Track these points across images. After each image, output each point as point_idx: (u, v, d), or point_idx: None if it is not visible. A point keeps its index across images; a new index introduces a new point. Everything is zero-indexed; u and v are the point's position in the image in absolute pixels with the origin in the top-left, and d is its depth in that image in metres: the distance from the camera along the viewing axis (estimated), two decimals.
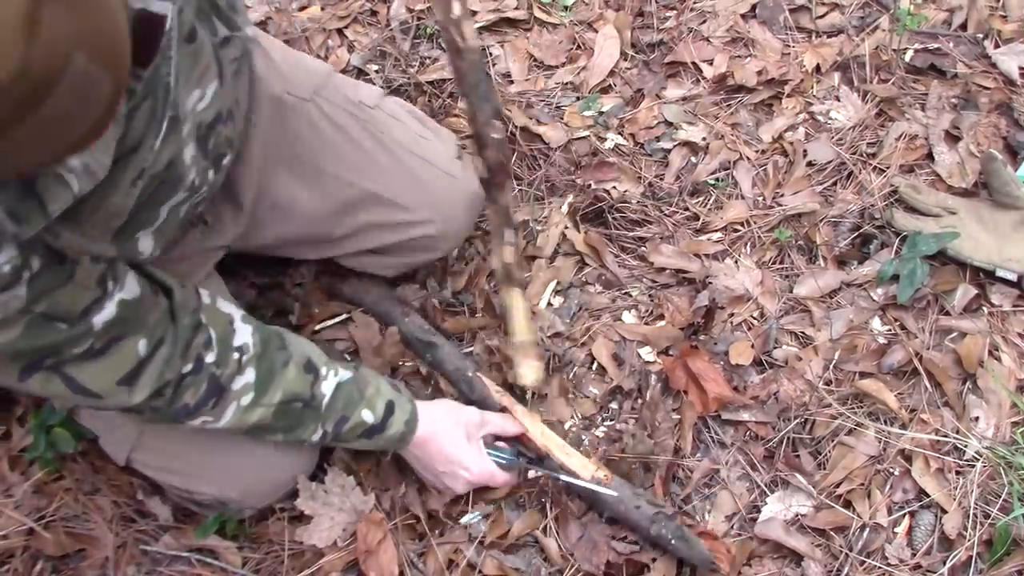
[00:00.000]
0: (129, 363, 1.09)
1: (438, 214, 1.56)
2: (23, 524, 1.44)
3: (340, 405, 1.32)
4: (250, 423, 1.25)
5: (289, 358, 1.28)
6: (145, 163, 1.04)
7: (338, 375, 1.33)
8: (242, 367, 1.22)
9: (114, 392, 1.09)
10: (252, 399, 1.23)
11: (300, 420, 1.30)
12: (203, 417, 1.21)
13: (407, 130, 1.57)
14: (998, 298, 1.64)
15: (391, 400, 1.37)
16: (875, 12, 2.07)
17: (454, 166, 1.59)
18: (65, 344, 1.02)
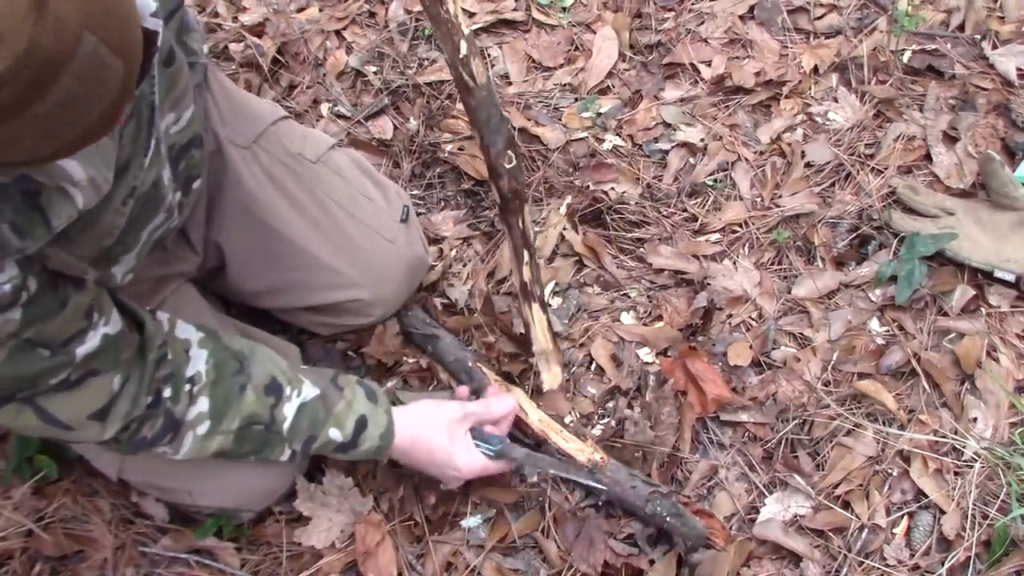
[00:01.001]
0: (102, 398, 1.09)
1: (371, 279, 1.53)
2: (22, 525, 1.44)
3: (305, 425, 1.29)
4: (211, 451, 1.23)
5: (247, 382, 1.24)
6: (136, 181, 1.04)
7: (302, 395, 1.29)
8: (194, 398, 1.19)
9: (84, 425, 1.08)
10: (208, 428, 1.21)
11: (264, 443, 1.27)
12: (161, 448, 1.20)
13: (349, 188, 1.54)
14: (996, 299, 1.64)
15: (363, 415, 1.33)
16: (873, 13, 2.07)
17: (395, 231, 1.56)
18: (44, 374, 1.01)
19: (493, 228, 1.83)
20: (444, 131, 1.96)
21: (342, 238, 1.50)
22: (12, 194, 0.86)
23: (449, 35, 1.11)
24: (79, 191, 0.91)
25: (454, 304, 1.73)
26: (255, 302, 1.57)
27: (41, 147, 0.73)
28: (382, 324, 1.65)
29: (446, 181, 1.92)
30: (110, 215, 1.03)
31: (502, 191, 1.33)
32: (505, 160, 1.29)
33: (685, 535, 1.40)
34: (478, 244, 1.82)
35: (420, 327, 1.64)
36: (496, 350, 1.64)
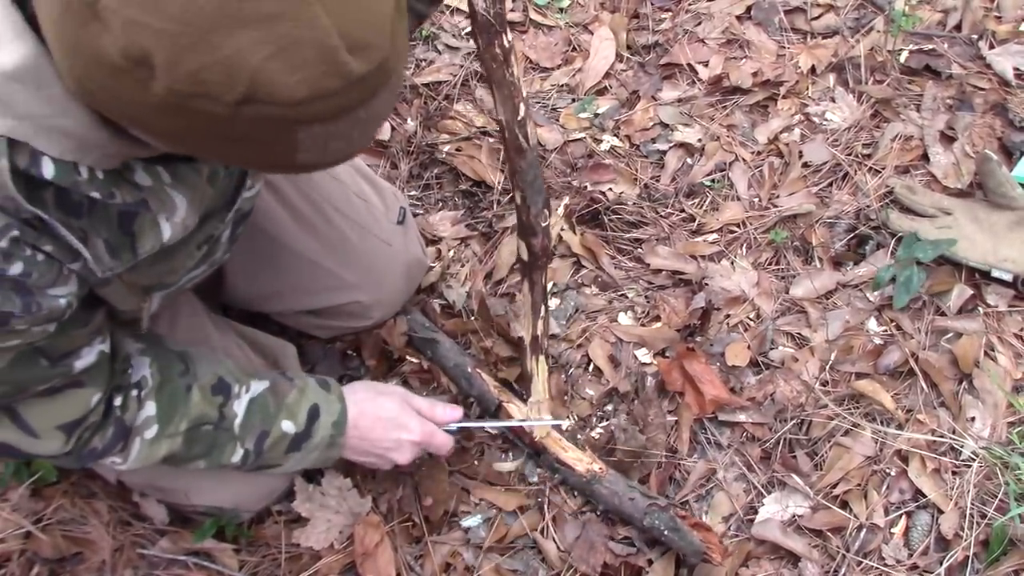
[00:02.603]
0: (77, 410, 1.07)
1: (369, 282, 1.53)
2: (20, 527, 1.43)
3: (256, 420, 1.25)
4: (159, 456, 1.19)
5: (193, 382, 1.21)
6: (214, 231, 1.10)
7: (251, 390, 1.26)
8: (142, 402, 1.17)
9: (50, 435, 1.06)
10: (156, 432, 1.17)
11: (214, 443, 1.23)
12: (111, 458, 1.17)
13: (345, 191, 1.53)
14: (994, 298, 1.64)
15: (315, 404, 1.30)
16: (870, 13, 2.07)
17: (392, 233, 1.55)
18: (38, 381, 1.01)
19: (491, 229, 1.83)
20: (442, 132, 1.96)
21: (339, 241, 1.50)
22: (112, 215, 0.90)
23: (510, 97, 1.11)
24: (170, 226, 0.96)
25: (452, 306, 1.73)
26: (253, 306, 1.57)
27: (338, 151, 0.77)
28: (392, 319, 1.65)
29: (444, 182, 1.92)
30: (182, 256, 1.07)
31: (533, 249, 1.31)
32: (541, 219, 1.28)
33: (682, 549, 1.40)
34: (476, 245, 1.82)
35: (420, 331, 1.64)
36: (494, 355, 1.64)
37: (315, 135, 0.73)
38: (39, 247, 0.86)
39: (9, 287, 0.85)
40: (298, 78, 0.68)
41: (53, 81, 0.76)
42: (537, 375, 1.47)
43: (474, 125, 1.95)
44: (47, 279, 0.88)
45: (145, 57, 0.65)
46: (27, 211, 0.82)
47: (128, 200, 0.90)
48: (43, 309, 0.89)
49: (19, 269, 0.85)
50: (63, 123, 0.79)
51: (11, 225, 0.82)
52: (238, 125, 0.69)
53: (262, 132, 0.71)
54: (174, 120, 0.70)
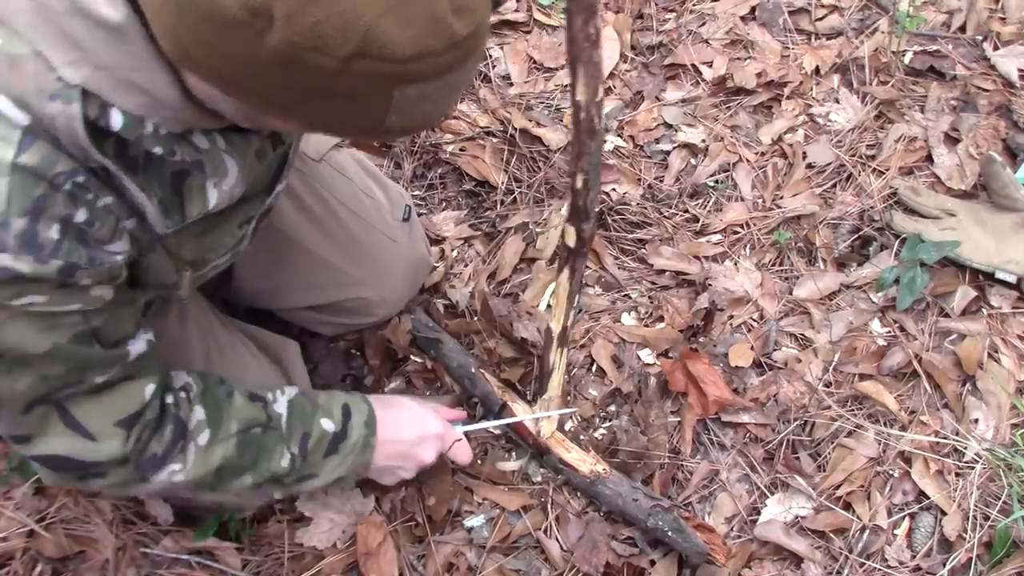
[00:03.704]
0: (134, 403, 1.05)
1: (374, 278, 1.53)
2: (24, 525, 1.44)
3: (297, 422, 1.24)
4: (215, 464, 1.15)
5: (232, 389, 1.20)
6: (254, 212, 1.12)
7: (286, 394, 1.26)
8: (192, 404, 1.15)
9: (107, 435, 1.04)
10: (209, 436, 1.15)
11: (263, 446, 1.20)
12: (171, 466, 1.11)
13: (352, 187, 1.54)
14: (997, 300, 1.64)
15: (346, 403, 1.30)
16: (874, 14, 2.07)
17: (397, 230, 1.56)
18: (97, 365, 0.99)
19: (494, 229, 1.83)
20: (445, 132, 1.96)
21: (345, 236, 1.50)
22: (165, 174, 0.92)
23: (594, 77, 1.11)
24: (216, 193, 0.98)
25: (455, 307, 1.73)
26: (258, 302, 1.57)
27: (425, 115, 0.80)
28: (396, 317, 1.65)
29: (447, 182, 1.92)
30: (222, 233, 1.08)
31: (583, 234, 1.31)
32: (594, 205, 1.28)
33: (686, 550, 1.40)
34: (479, 244, 1.82)
35: (423, 330, 1.64)
36: (496, 355, 1.64)
37: (409, 96, 0.75)
38: (101, 197, 0.87)
39: (75, 236, 0.86)
40: (408, 35, 0.70)
41: (139, 40, 0.79)
42: (557, 369, 1.46)
43: (478, 125, 1.95)
44: (105, 232, 0.89)
45: (266, 9, 0.67)
46: (95, 160, 0.84)
47: (187, 159, 0.92)
48: (104, 264, 0.90)
49: (84, 216, 0.86)
50: (140, 78, 0.81)
51: (77, 170, 0.84)
52: (343, 81, 0.72)
53: (364, 89, 0.73)
54: (280, 75, 0.72)
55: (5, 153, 0.80)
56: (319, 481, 1.27)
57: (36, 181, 0.82)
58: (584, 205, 1.26)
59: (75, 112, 0.80)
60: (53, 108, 0.80)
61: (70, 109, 0.80)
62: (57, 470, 1.05)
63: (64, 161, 0.82)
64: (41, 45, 0.79)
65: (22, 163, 0.80)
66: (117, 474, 1.07)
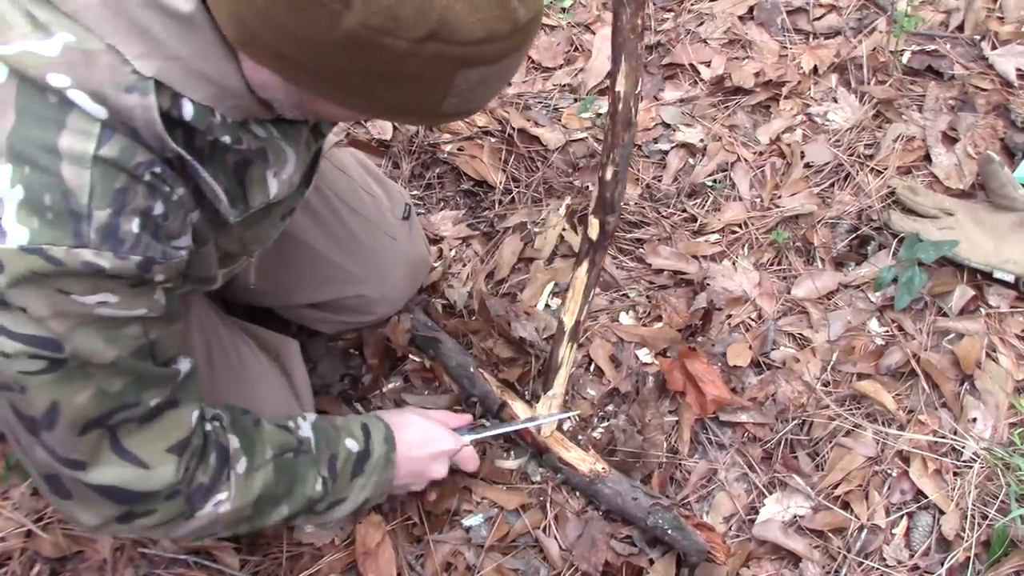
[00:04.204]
0: (183, 430, 1.04)
1: (374, 276, 1.53)
2: (21, 526, 1.44)
3: (323, 444, 1.25)
4: (256, 491, 1.14)
5: (259, 418, 1.21)
6: (293, 204, 1.13)
7: (307, 419, 1.27)
8: (226, 432, 1.14)
9: (162, 460, 1.02)
10: (247, 465, 1.14)
11: (297, 471, 1.20)
12: (218, 495, 1.10)
13: (352, 184, 1.54)
14: (996, 299, 1.64)
15: (364, 422, 1.32)
16: (872, 14, 2.07)
17: (397, 228, 1.56)
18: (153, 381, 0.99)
19: (492, 228, 1.83)
20: (443, 131, 1.96)
21: (346, 234, 1.50)
22: (228, 164, 0.94)
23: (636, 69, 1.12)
24: (276, 183, 0.99)
25: (453, 306, 1.73)
26: (258, 300, 1.57)
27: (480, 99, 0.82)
28: (396, 316, 1.65)
29: (445, 181, 1.92)
30: (268, 225, 1.09)
31: (607, 227, 1.30)
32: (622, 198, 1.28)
33: (686, 548, 1.40)
34: (477, 244, 1.82)
35: (422, 330, 1.64)
36: (494, 355, 1.64)
37: (470, 79, 0.78)
38: (175, 188, 0.88)
39: (151, 231, 0.87)
40: (477, 19, 0.73)
41: (207, 28, 0.81)
42: (565, 365, 1.46)
43: (476, 125, 1.95)
44: (176, 226, 0.90)
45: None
46: (171, 150, 0.85)
47: (251, 147, 0.94)
48: (173, 259, 0.91)
49: (160, 209, 0.87)
50: (209, 68, 0.83)
51: (155, 161, 0.85)
52: (411, 64, 0.74)
53: (430, 72, 0.76)
54: (350, 58, 0.74)
55: (86, 147, 0.81)
56: (349, 505, 1.28)
57: (117, 173, 0.83)
58: (611, 197, 1.26)
59: (152, 103, 0.81)
60: (130, 100, 0.81)
61: (147, 101, 0.81)
62: (113, 499, 1.02)
63: (142, 152, 0.84)
64: (113, 38, 0.80)
65: (103, 155, 0.81)
66: (166, 509, 1.06)
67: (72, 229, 0.81)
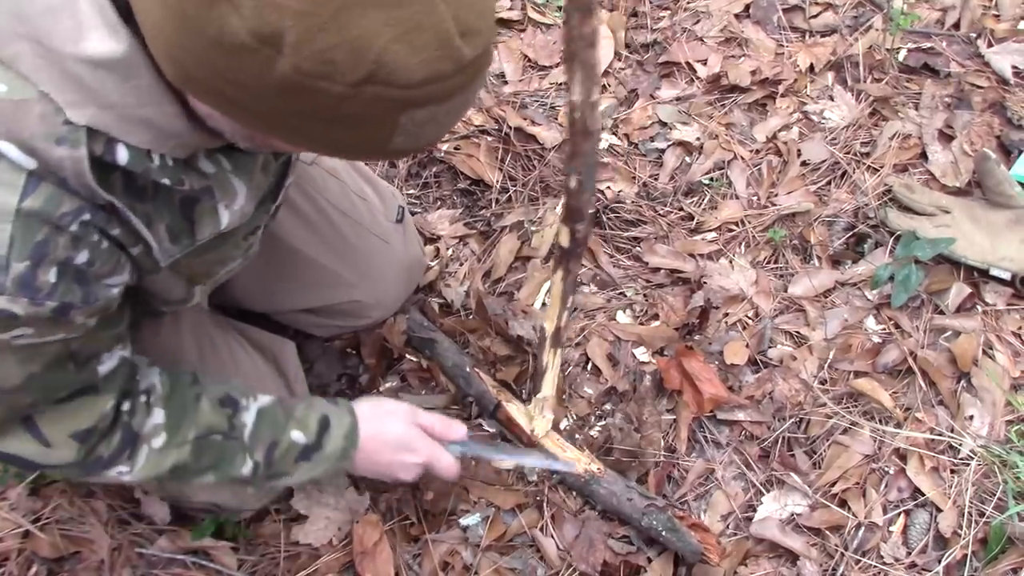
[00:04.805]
0: (92, 418, 1.06)
1: (368, 280, 1.52)
2: (19, 526, 1.43)
3: (266, 431, 1.22)
4: (167, 466, 1.15)
5: (201, 392, 1.19)
6: (259, 222, 1.12)
7: (259, 401, 1.24)
8: (150, 408, 1.13)
9: (61, 444, 1.05)
10: (165, 440, 1.14)
11: (223, 454, 1.19)
12: (118, 468, 1.12)
13: (344, 189, 1.53)
14: (992, 297, 1.64)
15: (325, 415, 1.27)
16: (868, 12, 2.07)
17: (391, 231, 1.55)
18: (64, 387, 1.00)
19: (489, 227, 1.83)
20: None
21: (337, 239, 1.50)
22: (175, 201, 0.92)
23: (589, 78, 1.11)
24: (228, 214, 0.98)
25: (450, 305, 1.73)
26: (252, 305, 1.56)
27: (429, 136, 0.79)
28: (392, 316, 1.64)
29: (442, 180, 1.92)
30: (230, 246, 1.08)
31: (577, 235, 1.31)
32: (590, 206, 1.27)
33: (680, 550, 1.40)
34: (474, 243, 1.82)
35: (418, 330, 1.64)
36: (491, 354, 1.64)
37: (416, 119, 0.75)
38: (107, 232, 0.87)
39: (72, 277, 0.86)
40: (417, 61, 0.70)
41: (143, 72, 0.79)
42: (551, 369, 1.46)
43: (472, 124, 1.95)
44: (107, 268, 0.89)
45: (275, 36, 0.67)
46: (101, 198, 0.84)
47: (195, 187, 0.92)
48: (99, 299, 0.90)
49: (84, 257, 0.86)
50: (146, 113, 0.81)
51: (83, 208, 0.84)
52: (350, 106, 0.71)
53: (371, 114, 0.73)
54: (286, 100, 0.72)
55: (9, 199, 0.80)
56: (292, 480, 1.27)
57: (40, 225, 0.82)
58: (578, 206, 1.26)
59: (82, 155, 0.80)
60: (60, 152, 0.80)
61: (76, 153, 0.80)
62: (9, 463, 1.09)
63: (69, 201, 0.83)
64: (47, 86, 0.78)
65: (26, 208, 0.81)
66: (64, 470, 1.09)
67: None
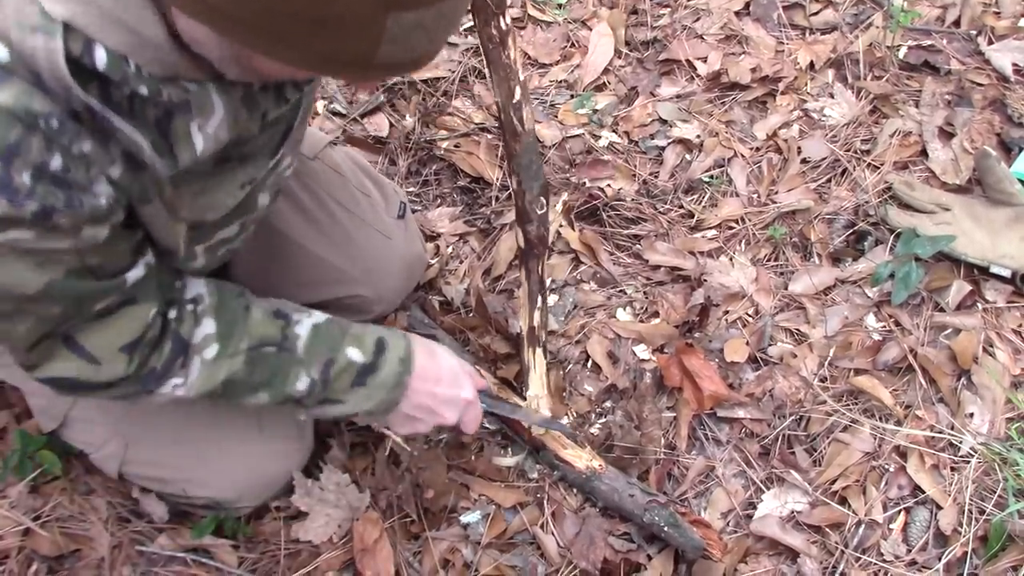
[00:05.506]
0: (136, 328, 1.05)
1: (370, 276, 1.52)
2: (19, 524, 1.43)
3: (321, 345, 1.20)
4: (220, 379, 1.13)
5: (250, 303, 1.17)
6: (256, 174, 1.09)
7: (312, 316, 1.22)
8: (199, 318, 1.12)
9: (110, 358, 1.04)
10: (217, 350, 1.12)
11: (278, 368, 1.17)
12: (173, 380, 1.11)
13: (346, 185, 1.53)
14: (992, 294, 1.64)
15: (381, 337, 1.25)
16: (869, 9, 2.07)
17: (393, 227, 1.55)
18: (93, 297, 0.98)
19: (489, 225, 1.83)
20: (440, 128, 1.95)
21: (340, 234, 1.50)
22: (150, 119, 0.89)
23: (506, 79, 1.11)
24: (202, 137, 0.94)
25: (450, 303, 1.73)
26: None
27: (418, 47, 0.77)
28: (392, 313, 1.64)
29: (442, 178, 1.92)
30: (224, 193, 1.06)
31: (529, 236, 1.31)
32: (537, 206, 1.27)
33: (682, 545, 1.40)
34: (474, 241, 1.82)
35: (420, 326, 1.64)
36: (492, 352, 1.64)
37: (403, 24, 0.73)
38: (76, 142, 0.83)
39: (49, 181, 0.82)
40: None
41: None
42: (534, 368, 1.46)
43: (472, 121, 1.95)
44: (79, 178, 0.85)
45: None
46: (77, 99, 0.80)
47: (173, 99, 0.88)
48: (84, 206, 0.86)
49: (58, 163, 0.82)
50: (127, 16, 0.79)
51: (53, 113, 0.80)
52: (335, 5, 0.70)
53: (358, 12, 0.71)
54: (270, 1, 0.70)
55: None
56: (346, 408, 1.25)
57: (10, 122, 0.78)
58: (523, 206, 1.26)
59: (57, 47, 0.77)
60: (35, 41, 0.76)
61: (52, 44, 0.77)
62: (63, 389, 1.07)
63: (41, 101, 0.79)
64: None
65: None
66: (120, 388, 1.09)
67: None
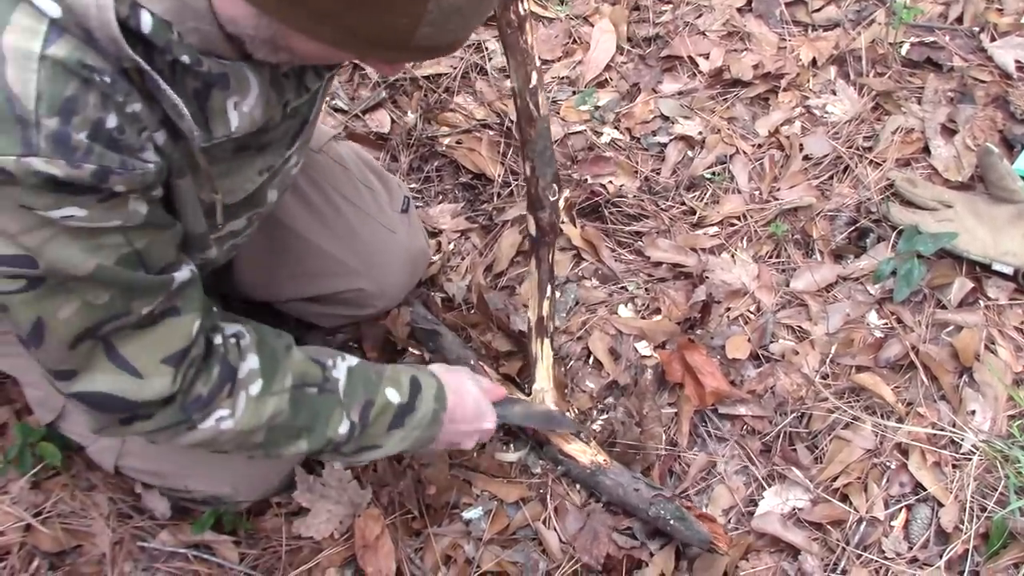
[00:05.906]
0: (181, 340, 1.02)
1: (373, 270, 1.52)
2: (20, 520, 1.44)
3: (359, 387, 1.20)
4: (266, 415, 1.11)
5: (291, 343, 1.17)
6: (273, 162, 1.10)
7: (346, 360, 1.22)
8: (243, 352, 1.10)
9: (153, 370, 0.99)
10: (262, 386, 1.10)
11: (321, 409, 1.16)
12: (219, 411, 1.07)
13: (351, 178, 1.53)
14: (994, 291, 1.64)
15: (414, 376, 1.27)
16: (871, 6, 2.07)
17: (396, 221, 1.55)
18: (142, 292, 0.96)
19: (491, 221, 1.83)
20: (442, 124, 1.95)
21: (344, 227, 1.50)
22: (189, 89, 0.89)
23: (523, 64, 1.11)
24: (237, 115, 0.94)
25: (452, 299, 1.73)
26: (256, 293, 1.56)
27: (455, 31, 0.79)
28: (395, 308, 1.64)
29: (444, 174, 1.91)
30: (243, 177, 1.06)
31: (540, 223, 1.30)
32: (550, 193, 1.26)
33: (688, 539, 1.40)
34: (476, 237, 1.82)
35: (422, 323, 1.64)
36: (494, 349, 1.64)
37: (444, 6, 0.74)
38: (128, 101, 0.83)
39: (106, 142, 0.82)
40: None
41: None
42: (541, 360, 1.45)
43: (474, 118, 1.95)
44: (132, 140, 0.85)
45: None
46: (128, 58, 0.79)
47: (212, 71, 0.88)
48: (137, 170, 0.85)
49: (114, 122, 0.82)
50: None
51: (106, 70, 0.80)
52: None
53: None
54: None
55: (31, 44, 0.75)
56: (383, 452, 1.25)
57: (67, 77, 0.77)
58: (537, 193, 1.26)
59: (108, 3, 0.76)
60: None
61: (103, 1, 0.76)
62: (102, 409, 1.01)
63: (94, 57, 0.79)
64: None
65: (51, 55, 0.76)
66: (163, 416, 1.04)
67: (19, 137, 0.77)
